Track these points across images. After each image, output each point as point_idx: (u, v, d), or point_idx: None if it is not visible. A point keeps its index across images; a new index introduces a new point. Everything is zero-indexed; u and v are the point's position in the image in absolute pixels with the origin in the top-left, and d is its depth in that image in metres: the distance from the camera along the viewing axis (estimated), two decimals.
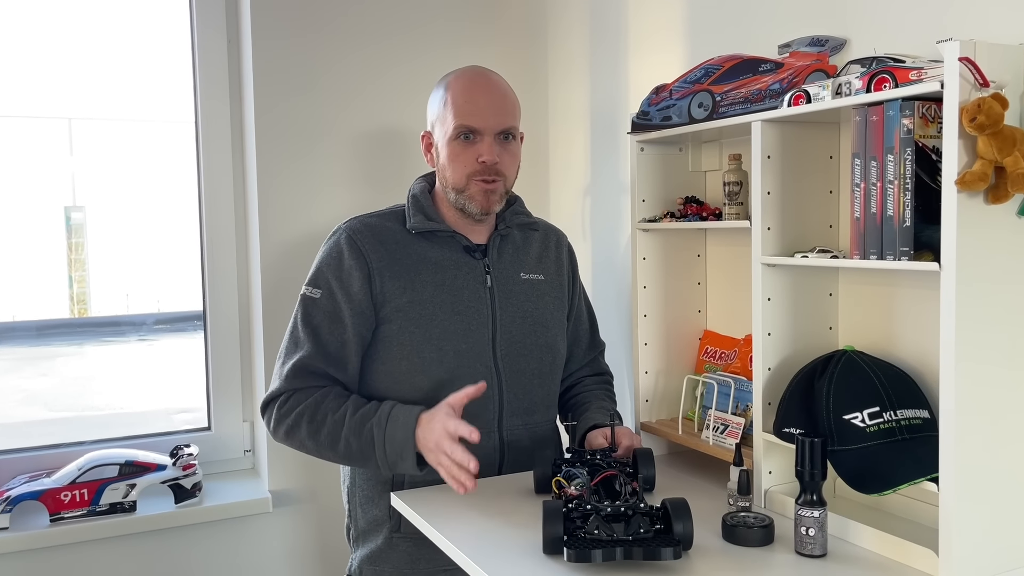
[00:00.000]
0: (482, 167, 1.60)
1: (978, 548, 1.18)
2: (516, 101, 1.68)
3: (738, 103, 1.54)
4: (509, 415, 1.66)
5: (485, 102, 1.61)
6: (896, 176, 1.25)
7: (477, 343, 1.63)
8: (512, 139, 1.66)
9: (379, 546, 1.64)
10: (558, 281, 1.78)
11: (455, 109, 1.60)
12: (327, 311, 1.62)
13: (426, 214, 1.67)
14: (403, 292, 1.62)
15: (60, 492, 2.05)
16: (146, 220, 2.72)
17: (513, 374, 1.66)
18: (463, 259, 1.66)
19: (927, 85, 1.18)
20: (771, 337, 1.50)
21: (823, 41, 1.53)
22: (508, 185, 1.67)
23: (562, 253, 1.83)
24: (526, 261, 1.74)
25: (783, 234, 1.50)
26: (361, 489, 1.67)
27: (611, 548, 1.20)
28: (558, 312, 1.76)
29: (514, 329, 1.67)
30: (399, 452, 1.50)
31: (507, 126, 1.63)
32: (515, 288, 1.70)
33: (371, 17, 2.37)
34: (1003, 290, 1.19)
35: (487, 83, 1.64)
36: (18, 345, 2.70)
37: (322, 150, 2.33)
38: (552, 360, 1.73)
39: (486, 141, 1.60)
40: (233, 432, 2.43)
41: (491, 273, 1.68)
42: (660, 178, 1.85)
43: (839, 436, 1.34)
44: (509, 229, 1.73)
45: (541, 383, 1.71)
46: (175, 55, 2.40)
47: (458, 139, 1.61)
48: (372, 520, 1.65)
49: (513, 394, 1.66)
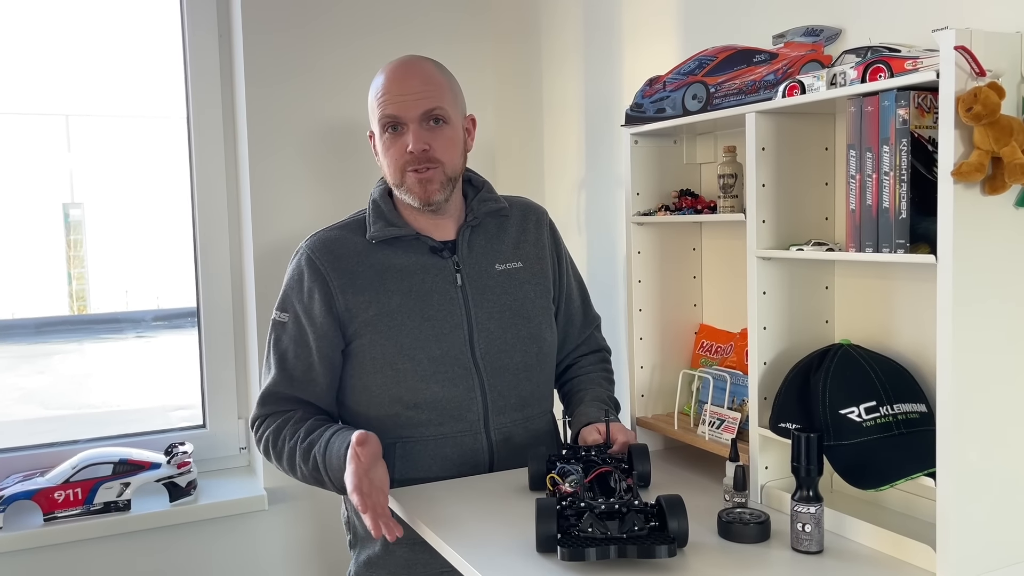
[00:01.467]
0: (411, 157, 1.56)
1: (975, 543, 1.17)
2: (445, 83, 1.61)
3: (732, 94, 1.52)
4: (496, 413, 1.64)
5: (405, 89, 1.56)
6: (892, 167, 1.23)
7: (452, 346, 1.60)
8: (443, 123, 1.59)
9: (376, 552, 1.64)
10: (539, 266, 1.73)
11: (379, 101, 1.59)
12: (292, 336, 1.62)
13: (387, 219, 1.63)
14: (369, 305, 1.59)
15: (54, 491, 2.04)
16: (145, 216, 2.72)
17: (496, 371, 1.63)
18: (430, 261, 1.62)
19: (923, 75, 1.16)
20: (767, 331, 1.49)
21: (818, 31, 1.51)
22: (449, 172, 1.60)
23: (542, 232, 1.76)
24: (501, 250, 1.69)
25: (778, 227, 1.48)
26: None
27: (605, 546, 1.18)
28: (541, 299, 1.71)
29: (492, 325, 1.64)
30: (340, 479, 1.50)
31: (430, 108, 1.56)
32: (490, 282, 1.66)
33: (362, 11, 2.35)
34: (1000, 282, 1.17)
35: (407, 70, 1.60)
36: (17, 343, 2.70)
37: (314, 144, 2.31)
38: (538, 351, 1.69)
39: (412, 129, 1.56)
40: (228, 430, 2.42)
41: (461, 271, 1.64)
42: (655, 171, 1.83)
43: (835, 431, 1.33)
44: (478, 219, 1.68)
45: (529, 376, 1.68)
46: (172, 49, 2.38)
47: (386, 132, 1.59)
48: None
49: (497, 392, 1.63)
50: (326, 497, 2.33)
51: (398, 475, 1.60)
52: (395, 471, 1.60)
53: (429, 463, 1.61)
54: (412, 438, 1.61)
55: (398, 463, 1.61)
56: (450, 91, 1.62)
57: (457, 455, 1.62)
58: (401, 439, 1.61)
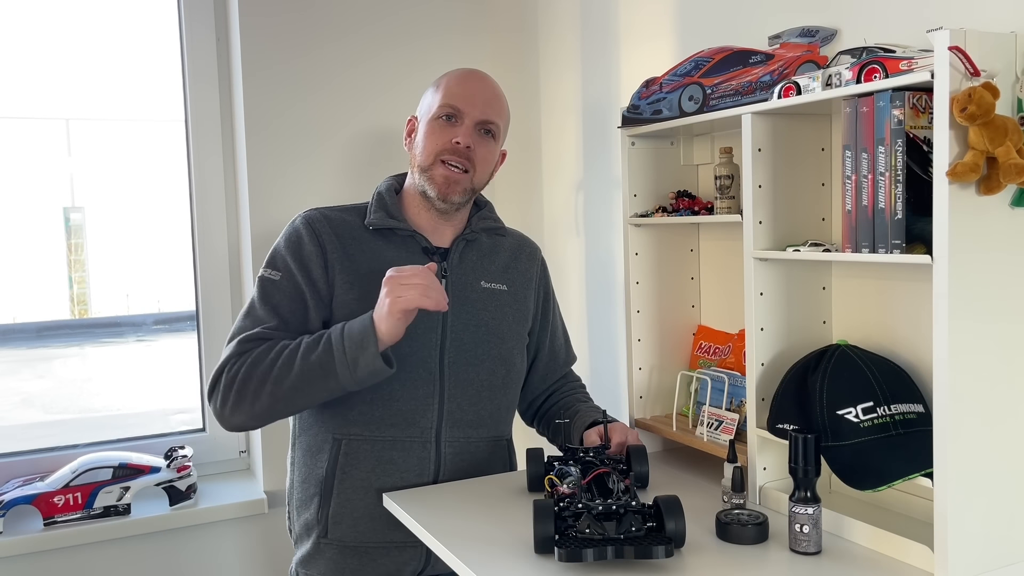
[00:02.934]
0: (452, 147, 1.58)
1: (973, 543, 1.17)
2: (506, 106, 1.68)
3: (729, 95, 1.52)
4: (450, 426, 1.60)
5: (476, 91, 1.62)
6: (887, 168, 1.24)
7: (421, 348, 1.58)
8: (491, 138, 1.64)
9: (309, 550, 1.61)
10: (523, 295, 1.73)
11: (445, 91, 1.62)
12: (287, 292, 1.57)
13: (388, 211, 1.64)
14: (350, 288, 1.57)
15: (53, 496, 2.05)
16: (145, 220, 2.71)
17: (459, 384, 1.61)
18: (419, 261, 1.60)
19: (917, 75, 1.16)
20: (764, 332, 1.49)
21: (813, 32, 1.51)
22: (476, 182, 1.63)
23: (533, 267, 1.77)
24: (490, 269, 1.69)
25: (775, 228, 1.48)
26: (297, 491, 1.64)
27: (602, 547, 1.18)
28: (517, 325, 1.71)
29: (466, 337, 1.62)
30: (359, 342, 1.44)
31: (491, 118, 1.62)
32: (472, 296, 1.65)
33: (360, 12, 2.36)
34: (996, 282, 1.17)
35: (482, 77, 1.67)
36: (18, 347, 2.70)
37: (313, 145, 2.32)
38: (506, 373, 1.67)
39: (466, 125, 1.60)
40: (228, 433, 2.41)
41: (447, 277, 1.63)
42: (652, 172, 1.83)
43: (833, 432, 1.33)
44: (476, 234, 1.69)
45: (491, 396, 1.65)
46: (171, 54, 2.39)
47: (439, 119, 1.60)
48: (304, 523, 1.62)
49: (456, 404, 1.60)
50: None
51: (338, 476, 1.57)
52: (336, 471, 1.57)
53: (373, 465, 1.57)
54: (360, 436, 1.57)
55: (341, 460, 1.57)
56: (507, 115, 1.69)
57: (403, 460, 1.58)
58: (348, 436, 1.57)
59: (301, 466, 1.64)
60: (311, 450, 1.61)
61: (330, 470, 1.57)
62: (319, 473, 1.59)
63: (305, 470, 1.62)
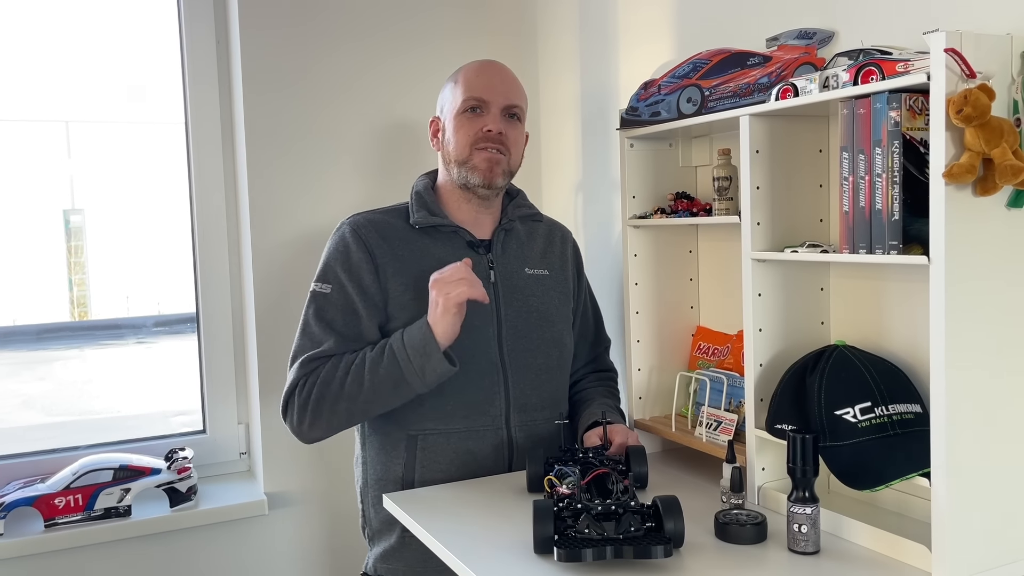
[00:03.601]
0: (486, 135, 1.63)
1: (971, 543, 1.18)
2: (524, 92, 1.72)
3: (727, 97, 1.53)
4: (518, 411, 1.66)
5: (495, 80, 1.67)
6: (884, 169, 1.24)
7: (481, 339, 1.64)
8: (518, 120, 1.69)
9: (392, 545, 1.66)
10: (563, 276, 1.79)
11: (465, 85, 1.66)
12: (340, 305, 1.62)
13: (429, 209, 1.69)
14: (406, 289, 1.63)
15: (54, 497, 2.05)
16: (145, 222, 2.72)
17: (519, 369, 1.67)
18: (466, 255, 1.66)
19: (914, 77, 1.17)
20: (762, 333, 1.49)
21: (811, 34, 1.52)
22: (512, 164, 1.68)
23: (567, 249, 1.84)
24: (530, 256, 1.75)
25: (773, 229, 1.49)
26: (373, 489, 1.68)
27: (601, 547, 1.19)
28: (563, 307, 1.77)
29: (520, 324, 1.68)
30: (422, 350, 1.51)
31: (515, 103, 1.67)
32: (519, 283, 1.70)
33: (359, 12, 2.36)
34: (992, 282, 1.18)
35: (499, 66, 1.71)
36: (18, 349, 2.70)
37: (313, 148, 2.32)
38: (560, 355, 1.74)
39: (493, 113, 1.64)
40: (228, 435, 2.42)
41: (495, 268, 1.69)
42: (650, 174, 1.84)
43: (831, 432, 1.33)
44: (512, 223, 1.74)
45: (550, 378, 1.71)
46: (170, 56, 2.39)
47: (465, 112, 1.65)
48: (385, 520, 1.66)
49: (520, 389, 1.66)
50: (327, 502, 2.34)
51: (418, 470, 1.62)
52: (416, 465, 1.62)
53: (451, 456, 1.63)
54: (436, 430, 1.63)
55: (419, 455, 1.62)
56: (527, 99, 1.73)
57: (479, 449, 1.63)
58: (424, 432, 1.63)
59: (375, 464, 1.67)
60: (385, 448, 1.66)
61: (409, 465, 1.62)
62: (397, 470, 1.64)
63: (381, 468, 1.66)
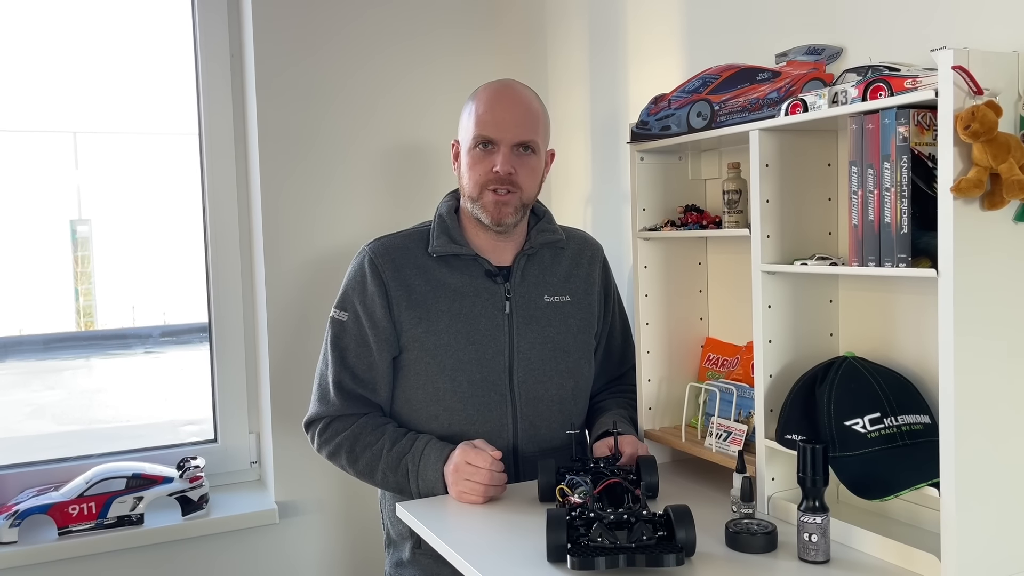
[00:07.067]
0: (495, 177, 1.63)
1: (980, 552, 1.19)
2: (540, 116, 1.71)
3: (736, 112, 1.55)
4: (526, 442, 1.69)
5: (505, 114, 1.65)
6: (893, 183, 1.26)
7: (492, 372, 1.66)
8: (531, 153, 1.68)
9: (405, 557, 1.70)
10: (586, 301, 1.80)
11: (476, 119, 1.66)
12: (354, 335, 1.67)
13: (450, 236, 1.70)
14: (419, 322, 1.65)
15: (68, 506, 2.06)
16: (151, 233, 2.74)
17: (529, 401, 1.69)
18: (483, 285, 1.68)
19: (922, 93, 1.19)
20: (772, 344, 1.51)
21: (820, 50, 1.54)
22: (525, 198, 1.68)
23: (595, 270, 1.84)
24: (552, 282, 1.75)
25: (783, 242, 1.51)
26: (390, 501, 1.72)
27: (614, 555, 1.20)
28: (583, 334, 1.78)
29: (533, 355, 1.70)
30: (431, 488, 1.58)
31: (524, 139, 1.66)
32: (536, 313, 1.72)
33: (371, 29, 2.39)
34: (1000, 295, 1.19)
35: (511, 96, 1.68)
36: (25, 359, 2.72)
37: (324, 161, 2.35)
38: (574, 386, 1.75)
39: (502, 152, 1.64)
40: (239, 444, 2.44)
41: (511, 299, 1.70)
42: (660, 187, 1.85)
43: (840, 442, 1.34)
44: (535, 249, 1.75)
45: (561, 409, 1.73)
46: (181, 67, 2.42)
47: (476, 148, 1.66)
48: (400, 532, 1.70)
49: (529, 422, 1.69)
50: (337, 511, 2.35)
51: None
52: None
53: None
54: None
55: None
56: (543, 124, 1.71)
57: None
58: None
59: None
60: None
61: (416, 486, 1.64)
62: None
63: None
